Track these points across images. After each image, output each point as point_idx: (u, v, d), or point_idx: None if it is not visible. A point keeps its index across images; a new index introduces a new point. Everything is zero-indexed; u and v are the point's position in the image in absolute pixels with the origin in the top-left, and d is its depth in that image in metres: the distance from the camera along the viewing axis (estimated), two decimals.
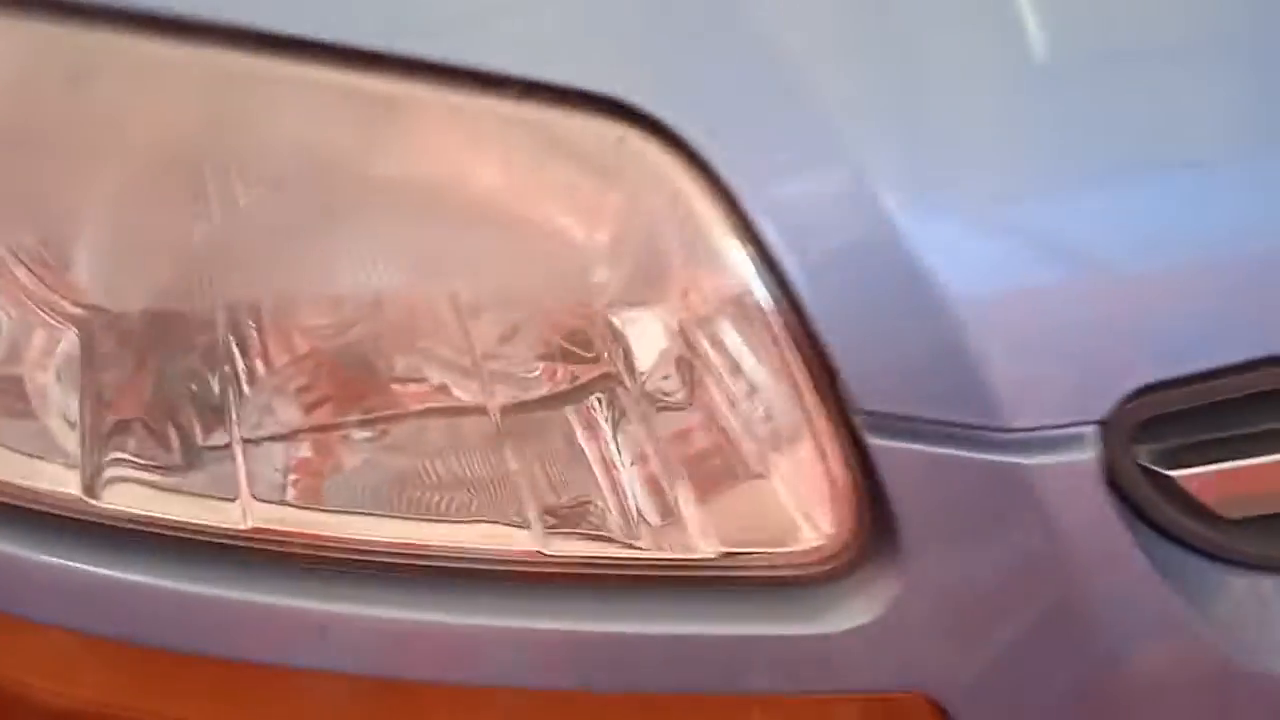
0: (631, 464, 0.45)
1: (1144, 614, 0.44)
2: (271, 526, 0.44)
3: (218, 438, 0.46)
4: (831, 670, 0.45)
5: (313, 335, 0.46)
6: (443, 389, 0.46)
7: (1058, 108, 0.43)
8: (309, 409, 0.47)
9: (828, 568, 0.44)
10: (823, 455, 0.43)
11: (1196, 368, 0.41)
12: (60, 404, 0.47)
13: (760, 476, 0.44)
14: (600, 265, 0.44)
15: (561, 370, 0.45)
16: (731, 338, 0.43)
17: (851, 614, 0.44)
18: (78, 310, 0.48)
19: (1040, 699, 0.45)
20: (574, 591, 0.45)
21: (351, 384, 0.47)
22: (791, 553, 0.44)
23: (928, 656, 0.45)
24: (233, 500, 0.44)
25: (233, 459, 0.45)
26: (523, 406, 0.45)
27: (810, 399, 0.42)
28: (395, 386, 0.47)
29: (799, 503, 0.44)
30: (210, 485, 0.45)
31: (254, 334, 0.47)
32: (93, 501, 0.44)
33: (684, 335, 0.44)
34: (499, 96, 0.42)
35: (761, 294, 0.42)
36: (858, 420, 0.42)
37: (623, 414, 0.44)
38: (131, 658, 0.46)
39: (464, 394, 0.46)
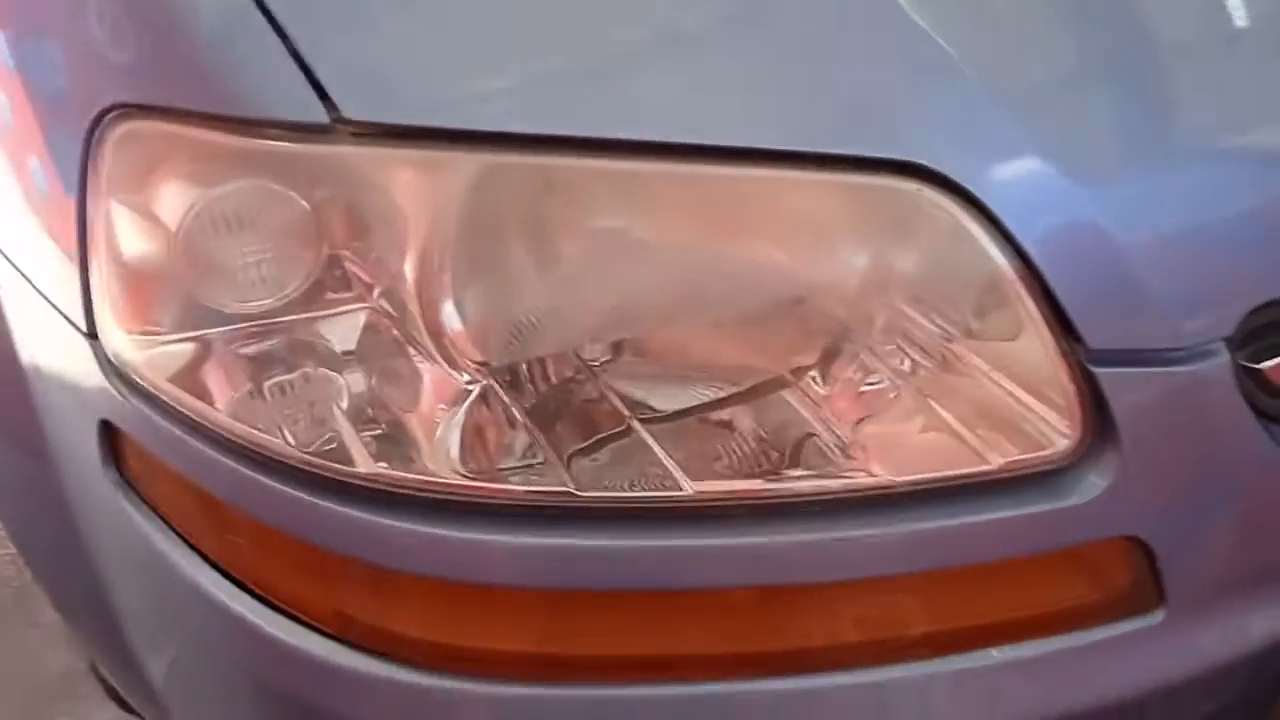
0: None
1: (1264, 460, 0.68)
2: (710, 491, 0.63)
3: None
4: (1076, 529, 0.67)
5: None
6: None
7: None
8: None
9: (1072, 461, 0.66)
10: (1065, 384, 0.65)
11: None
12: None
13: (1021, 406, 0.66)
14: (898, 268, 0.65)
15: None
16: (996, 313, 0.65)
17: (1088, 490, 0.66)
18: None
19: (1215, 532, 0.68)
20: (915, 500, 0.65)
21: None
22: (1047, 454, 0.66)
23: (1139, 512, 0.67)
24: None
25: (650, 448, 0.64)
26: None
27: (1055, 347, 0.64)
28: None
29: (1050, 422, 0.66)
30: (648, 473, 0.64)
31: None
32: (580, 494, 0.62)
33: (962, 314, 0.66)
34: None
35: (1017, 275, 0.63)
36: (1087, 355, 0.64)
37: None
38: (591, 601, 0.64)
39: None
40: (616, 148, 0.62)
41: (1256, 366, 0.68)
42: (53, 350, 0.73)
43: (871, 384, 0.69)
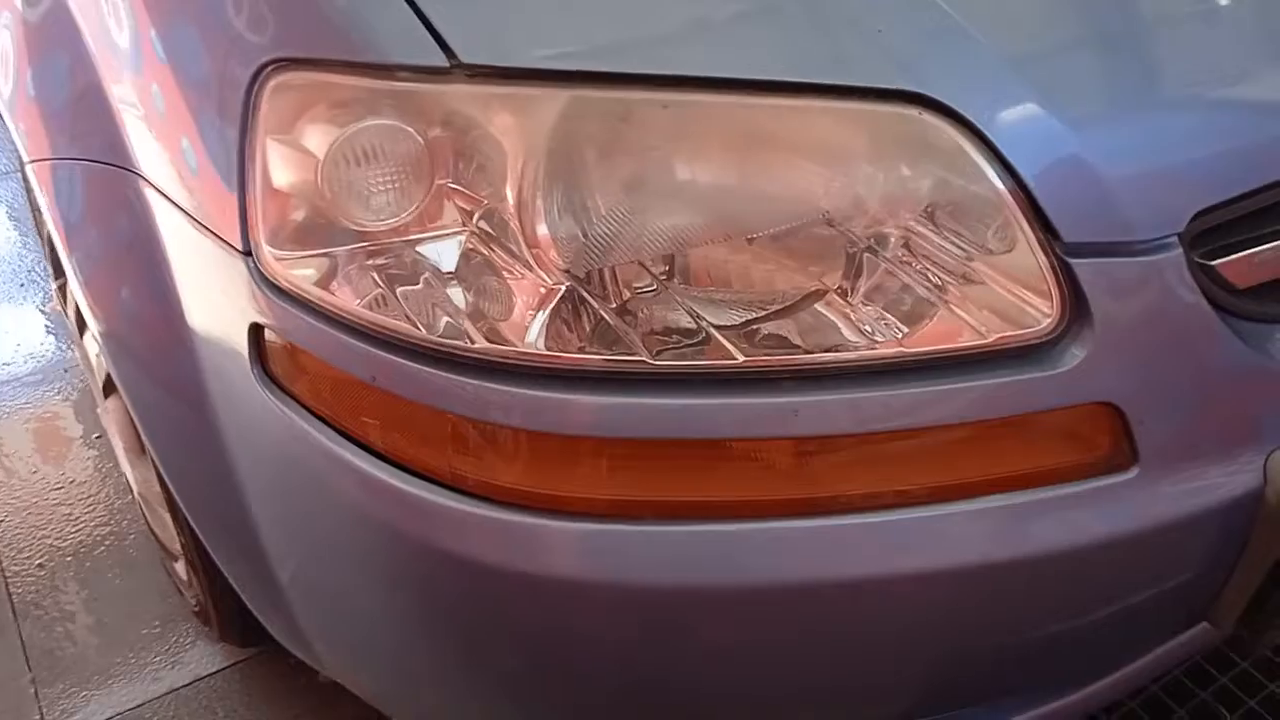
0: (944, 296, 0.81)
1: (1218, 340, 0.82)
2: (756, 359, 0.78)
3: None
4: (1061, 393, 0.81)
5: None
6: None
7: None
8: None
9: (1053, 336, 0.80)
10: (1045, 273, 0.79)
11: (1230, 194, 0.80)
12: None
13: (1013, 295, 0.80)
14: (908, 188, 0.80)
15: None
16: (985, 221, 0.80)
17: (1067, 360, 0.80)
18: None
19: (1179, 399, 0.82)
20: (925, 367, 0.79)
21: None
22: (1033, 330, 0.80)
23: (1114, 380, 0.81)
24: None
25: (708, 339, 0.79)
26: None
27: (1038, 242, 0.79)
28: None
29: (1035, 305, 0.80)
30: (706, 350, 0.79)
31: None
32: (653, 362, 0.77)
33: (959, 222, 0.80)
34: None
35: (1005, 186, 0.78)
36: (1063, 249, 0.79)
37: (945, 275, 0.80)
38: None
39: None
40: (674, 82, 0.77)
41: (1211, 264, 0.83)
42: (210, 273, 0.88)
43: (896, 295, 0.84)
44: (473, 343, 0.77)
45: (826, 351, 0.81)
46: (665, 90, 0.77)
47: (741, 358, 0.78)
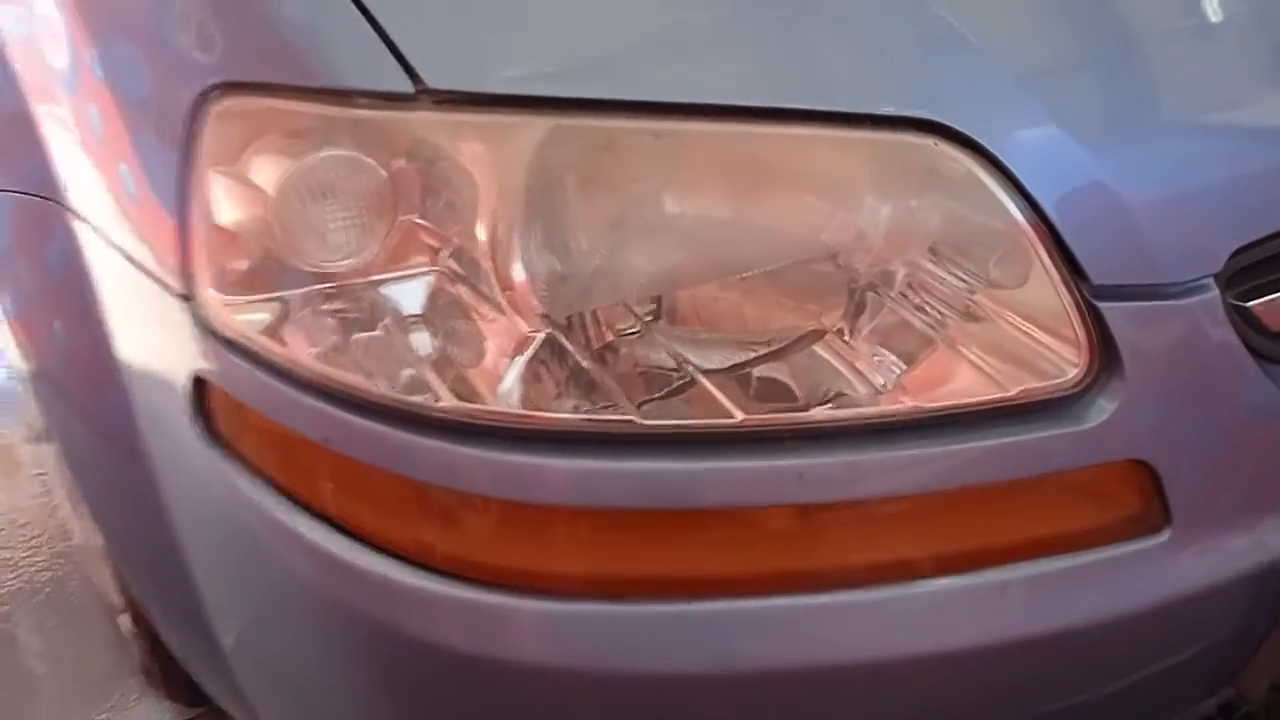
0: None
1: (1255, 389, 0.75)
2: (756, 418, 0.70)
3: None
4: (1088, 451, 0.73)
5: None
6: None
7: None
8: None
9: (1080, 388, 0.73)
10: (1073, 318, 0.72)
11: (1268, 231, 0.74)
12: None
13: (1032, 340, 0.73)
14: (916, 221, 0.73)
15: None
16: (1010, 261, 0.72)
17: (1095, 414, 0.73)
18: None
19: (1215, 456, 0.75)
20: (941, 424, 0.72)
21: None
22: (1059, 382, 0.73)
23: (1145, 435, 0.74)
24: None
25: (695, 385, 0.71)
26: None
27: (1064, 284, 0.71)
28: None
29: (1058, 352, 0.73)
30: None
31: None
32: (641, 421, 0.69)
33: (971, 258, 0.73)
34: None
35: (1028, 222, 0.70)
36: (1092, 291, 0.71)
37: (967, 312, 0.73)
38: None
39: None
40: (665, 109, 0.69)
41: (1246, 305, 0.76)
42: (146, 318, 0.79)
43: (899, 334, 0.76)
44: (438, 400, 0.69)
45: (832, 406, 0.73)
46: (656, 118, 0.69)
47: (740, 415, 0.70)
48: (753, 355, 0.78)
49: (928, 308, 0.76)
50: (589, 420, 0.69)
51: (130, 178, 0.78)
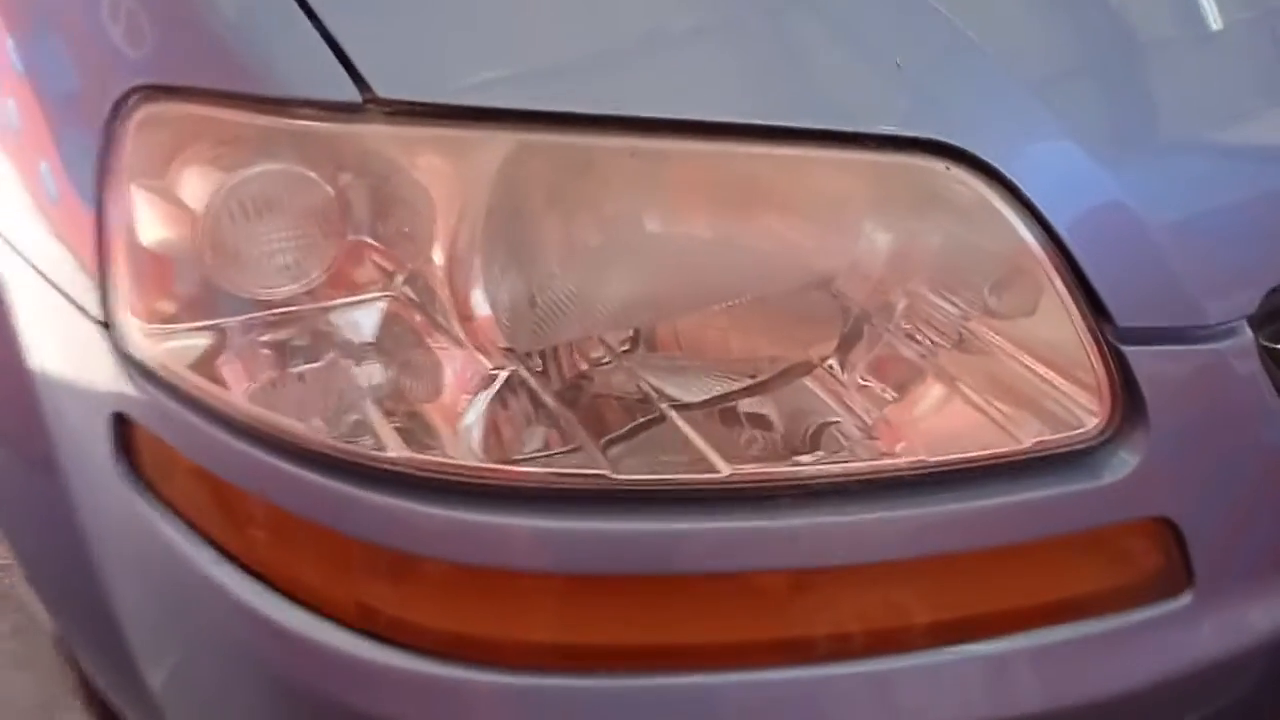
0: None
1: None
2: (746, 472, 0.62)
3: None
4: (1108, 509, 0.67)
5: None
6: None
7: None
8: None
9: (1101, 440, 0.66)
10: (1094, 362, 0.65)
11: None
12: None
13: (1047, 384, 0.66)
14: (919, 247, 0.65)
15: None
16: (1013, 290, 0.65)
17: (1116, 468, 0.66)
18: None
19: (1243, 513, 0.69)
20: (948, 480, 0.65)
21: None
22: (1079, 433, 0.66)
23: (1169, 492, 0.67)
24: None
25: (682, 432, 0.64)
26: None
27: (1085, 327, 0.64)
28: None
29: (1076, 399, 0.66)
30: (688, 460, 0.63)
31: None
32: (615, 476, 0.61)
33: (978, 293, 0.66)
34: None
35: (1046, 254, 0.63)
36: (1116, 334, 0.64)
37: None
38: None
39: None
40: (644, 126, 0.62)
41: (1277, 347, 0.69)
42: (62, 342, 0.71)
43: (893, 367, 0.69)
44: (385, 448, 0.61)
45: (825, 455, 0.66)
46: (634, 135, 0.61)
47: (727, 470, 0.62)
48: (735, 387, 0.71)
49: (927, 340, 0.69)
50: (556, 475, 0.62)
51: (50, 186, 0.70)
